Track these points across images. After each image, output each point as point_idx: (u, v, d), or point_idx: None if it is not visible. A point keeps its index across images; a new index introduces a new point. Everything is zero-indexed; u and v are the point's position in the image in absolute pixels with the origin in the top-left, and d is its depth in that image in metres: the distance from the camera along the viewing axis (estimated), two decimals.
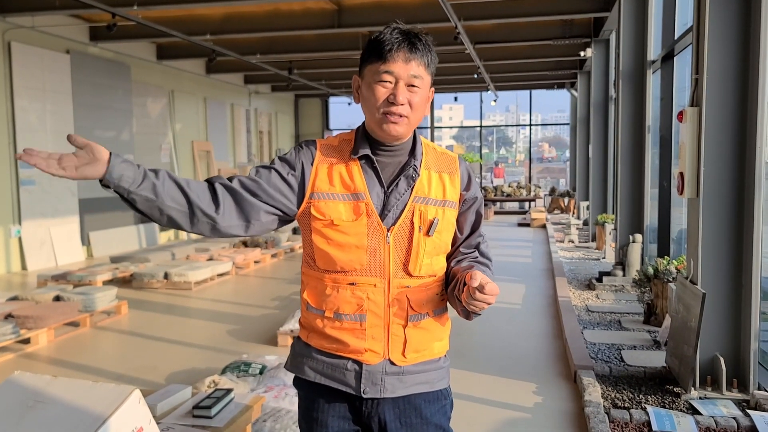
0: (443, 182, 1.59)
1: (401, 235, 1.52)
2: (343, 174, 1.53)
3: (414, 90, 1.50)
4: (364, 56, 1.54)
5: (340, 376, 1.55)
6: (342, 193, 1.52)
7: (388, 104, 1.48)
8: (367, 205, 1.51)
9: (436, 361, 1.61)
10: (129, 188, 1.39)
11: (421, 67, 1.50)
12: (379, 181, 1.54)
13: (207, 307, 6.66)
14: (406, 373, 1.55)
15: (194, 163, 13.80)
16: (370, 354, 1.52)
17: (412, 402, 1.57)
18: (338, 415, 1.57)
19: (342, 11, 9.48)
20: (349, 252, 1.50)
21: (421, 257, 1.53)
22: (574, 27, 10.68)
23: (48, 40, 9.52)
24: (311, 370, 1.58)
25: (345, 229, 1.50)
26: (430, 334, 1.59)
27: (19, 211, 8.97)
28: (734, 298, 3.69)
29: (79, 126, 10.15)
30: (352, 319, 1.52)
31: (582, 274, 7.78)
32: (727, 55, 3.59)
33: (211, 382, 3.65)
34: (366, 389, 1.53)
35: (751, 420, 3.22)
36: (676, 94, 6.37)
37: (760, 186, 3.53)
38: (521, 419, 3.56)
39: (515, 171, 30.79)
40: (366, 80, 1.52)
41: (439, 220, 1.55)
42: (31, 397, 1.93)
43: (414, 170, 1.55)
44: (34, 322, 5.13)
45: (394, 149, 1.56)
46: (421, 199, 1.54)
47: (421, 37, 1.51)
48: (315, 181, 1.53)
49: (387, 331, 1.53)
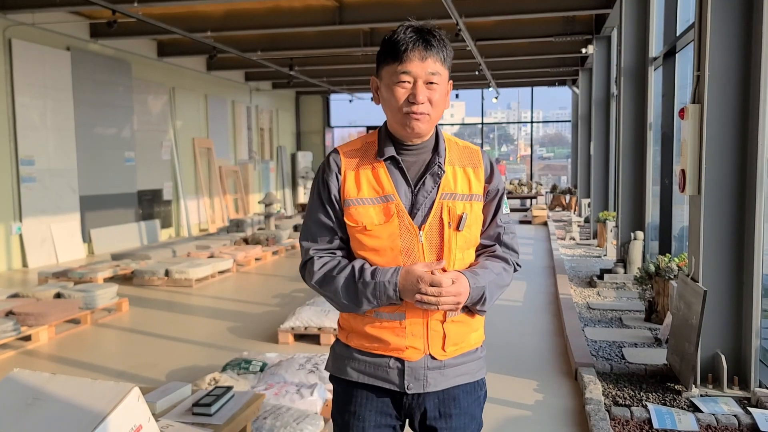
0: (468, 176, 1.60)
1: (432, 233, 1.54)
2: (369, 178, 1.56)
3: (433, 87, 1.51)
4: (380, 57, 1.54)
5: (383, 374, 1.57)
6: (371, 197, 1.54)
7: (408, 104, 1.50)
8: (397, 206, 1.53)
9: (474, 352, 1.65)
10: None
11: (438, 63, 1.51)
12: (405, 181, 1.56)
13: (208, 304, 6.66)
14: (447, 366, 1.59)
15: (195, 160, 13.80)
16: (412, 351, 1.55)
17: (451, 393, 1.61)
18: (377, 409, 1.60)
19: (343, 8, 9.46)
20: (384, 255, 1.53)
21: (454, 252, 1.56)
22: (575, 24, 10.65)
23: (49, 37, 9.51)
24: (354, 370, 1.61)
25: (378, 233, 1.53)
26: (467, 327, 1.62)
27: (20, 208, 8.97)
28: (735, 296, 3.69)
29: (80, 123, 10.15)
30: (391, 318, 1.55)
31: (583, 271, 7.77)
32: (728, 52, 3.57)
33: (211, 379, 3.65)
34: (410, 385, 1.56)
35: (752, 417, 3.21)
36: (678, 91, 6.35)
37: (761, 183, 3.51)
38: (522, 417, 3.56)
39: (517, 168, 30.75)
40: (384, 82, 1.53)
41: (468, 214, 1.57)
42: (31, 394, 1.93)
43: (439, 167, 1.56)
44: (35, 319, 5.14)
45: (418, 148, 1.58)
46: (449, 195, 1.56)
47: (435, 32, 1.52)
48: (344, 188, 1.56)
49: (426, 327, 1.55)
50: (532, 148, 22.05)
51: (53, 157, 9.59)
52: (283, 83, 16.76)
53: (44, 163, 9.39)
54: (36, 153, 9.24)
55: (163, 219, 12.55)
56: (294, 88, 18.23)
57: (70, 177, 9.96)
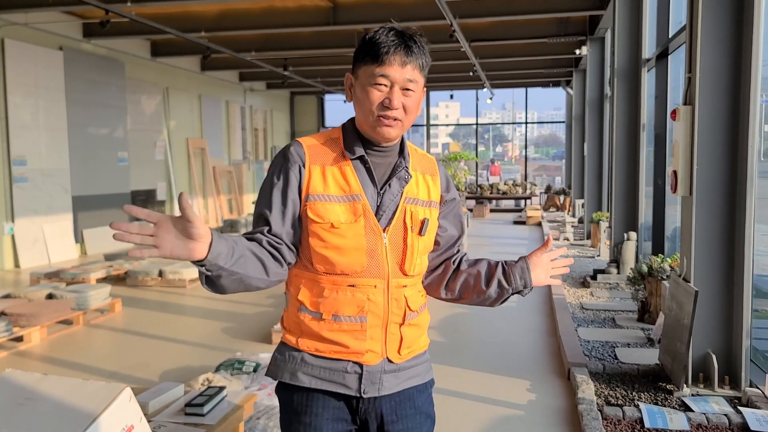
0: (427, 183, 1.61)
1: (396, 236, 1.53)
2: (336, 175, 1.51)
3: (408, 94, 1.49)
4: (359, 56, 1.52)
5: (339, 379, 1.53)
6: (338, 195, 1.50)
7: (383, 108, 1.48)
8: (364, 206, 1.50)
9: (423, 355, 1.65)
10: (224, 266, 1.35)
11: (416, 71, 1.49)
12: (372, 182, 1.53)
13: (201, 304, 6.65)
14: (401, 369, 1.58)
15: (189, 160, 13.76)
16: (371, 354, 1.52)
17: (406, 394, 1.59)
18: (333, 416, 1.55)
19: (337, 8, 9.46)
20: (349, 255, 1.49)
21: (415, 257, 1.55)
22: (569, 25, 10.69)
23: (41, 36, 9.47)
24: (306, 375, 1.53)
25: (343, 232, 1.49)
26: (420, 330, 1.62)
27: (12, 208, 8.93)
28: (726, 296, 3.71)
29: (73, 123, 10.11)
30: (352, 321, 1.51)
31: (577, 271, 7.79)
32: (719, 54, 3.60)
33: (204, 379, 3.64)
34: (366, 389, 1.53)
35: (743, 417, 3.23)
36: (671, 92, 6.38)
37: (752, 184, 3.54)
38: (515, 416, 3.57)
39: (511, 169, 30.82)
40: (360, 81, 1.51)
41: (429, 220, 1.57)
42: (22, 394, 1.93)
43: (406, 171, 1.56)
44: (27, 319, 5.11)
45: (385, 150, 1.56)
46: (411, 200, 1.56)
47: (416, 38, 1.50)
48: (309, 182, 1.51)
49: (385, 330, 1.53)
50: (526, 149, 22.11)
51: (46, 157, 9.55)
52: (277, 83, 16.75)
53: (36, 163, 9.35)
54: (28, 153, 9.20)
55: None
56: (288, 89, 18.22)
57: (62, 177, 9.92)
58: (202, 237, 1.29)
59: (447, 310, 6.03)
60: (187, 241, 1.28)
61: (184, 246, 1.28)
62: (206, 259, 1.31)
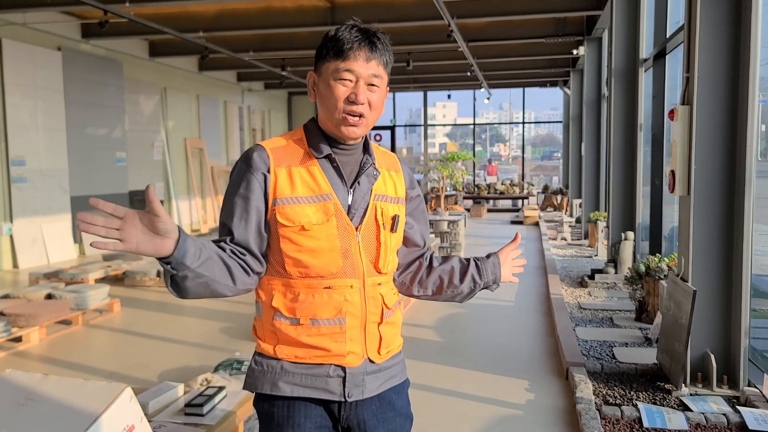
0: (393, 180, 1.62)
1: (368, 234, 1.52)
2: (304, 176, 1.49)
3: (373, 89, 1.49)
4: (321, 52, 1.50)
5: (322, 385, 1.49)
6: (307, 195, 1.48)
7: (348, 103, 1.47)
8: (336, 205, 1.48)
9: (399, 355, 1.65)
10: (190, 266, 1.32)
11: (381, 67, 1.49)
12: (342, 181, 1.52)
13: (199, 304, 6.64)
14: (382, 370, 1.57)
15: (187, 160, 13.75)
16: (352, 356, 1.50)
17: (386, 397, 1.58)
18: (316, 424, 1.51)
19: (335, 9, 9.47)
20: (323, 256, 1.47)
21: (389, 254, 1.56)
22: (566, 25, 10.71)
23: (39, 36, 9.46)
24: (287, 384, 1.49)
25: (316, 233, 1.46)
26: (396, 328, 1.62)
27: (10, 208, 8.92)
28: (724, 295, 3.72)
29: (71, 123, 10.10)
30: (331, 324, 1.48)
31: (574, 271, 7.81)
32: (717, 53, 3.61)
33: (203, 380, 3.64)
34: (350, 392, 1.51)
35: (741, 416, 3.24)
36: (668, 92, 6.40)
37: (750, 184, 3.55)
38: (513, 416, 3.58)
39: (508, 168, 30.83)
40: (324, 78, 1.49)
41: (399, 216, 1.58)
42: (23, 395, 1.93)
43: (374, 168, 1.56)
44: (26, 320, 5.11)
45: (351, 147, 1.55)
46: (381, 197, 1.56)
47: (380, 35, 1.50)
48: (276, 186, 1.48)
49: (364, 331, 1.52)
50: (524, 149, 22.13)
51: (44, 157, 9.54)
52: (275, 84, 16.75)
53: (35, 163, 9.34)
54: (27, 153, 9.19)
55: None
56: (286, 89, 18.21)
57: (61, 177, 9.91)
58: (169, 233, 1.28)
59: (444, 310, 6.04)
60: (153, 237, 1.26)
61: (150, 241, 1.26)
62: (172, 256, 1.28)
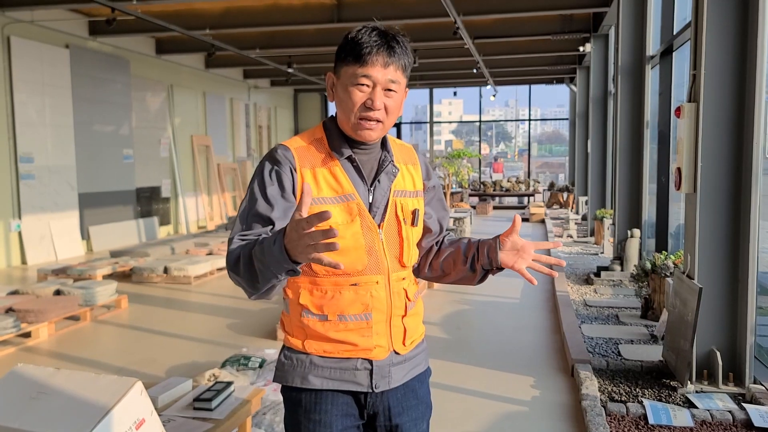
0: (411, 173, 1.64)
1: (391, 230, 1.55)
2: (327, 177, 1.51)
3: (390, 95, 1.49)
4: (341, 55, 1.50)
5: (350, 377, 1.54)
6: (331, 196, 1.50)
7: (365, 109, 1.48)
8: (359, 205, 1.51)
9: (422, 343, 1.69)
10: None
11: (399, 72, 1.49)
12: (362, 180, 1.54)
13: (206, 301, 6.68)
14: (407, 360, 1.61)
15: (193, 157, 13.80)
16: (379, 350, 1.55)
17: (409, 386, 1.63)
18: (342, 413, 1.56)
19: (341, 5, 9.47)
20: (349, 255, 1.49)
21: (411, 248, 1.59)
22: (573, 22, 10.68)
23: (47, 34, 9.51)
24: (316, 377, 1.54)
25: (342, 233, 1.48)
26: (418, 318, 1.66)
27: (19, 205, 8.98)
28: (731, 293, 3.72)
29: (79, 120, 10.16)
30: (358, 319, 1.52)
31: (580, 268, 7.80)
32: (724, 51, 3.60)
33: (211, 375, 3.68)
34: (377, 384, 1.55)
35: (747, 413, 3.25)
36: (675, 89, 6.38)
37: (757, 181, 3.55)
38: (519, 412, 3.59)
39: (514, 166, 30.76)
40: (342, 81, 1.50)
41: (419, 210, 1.60)
42: (35, 388, 1.96)
43: (393, 165, 1.57)
44: (35, 316, 5.16)
45: (370, 146, 1.57)
46: (400, 193, 1.58)
47: (399, 39, 1.50)
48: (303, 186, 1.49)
49: (389, 324, 1.56)
50: (530, 146, 22.09)
51: (52, 154, 9.60)
52: (281, 81, 16.77)
53: (43, 160, 9.40)
54: (35, 150, 9.25)
55: (161, 216, 12.56)
56: (292, 86, 18.23)
57: (68, 174, 9.97)
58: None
59: (451, 307, 6.05)
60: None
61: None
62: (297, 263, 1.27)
